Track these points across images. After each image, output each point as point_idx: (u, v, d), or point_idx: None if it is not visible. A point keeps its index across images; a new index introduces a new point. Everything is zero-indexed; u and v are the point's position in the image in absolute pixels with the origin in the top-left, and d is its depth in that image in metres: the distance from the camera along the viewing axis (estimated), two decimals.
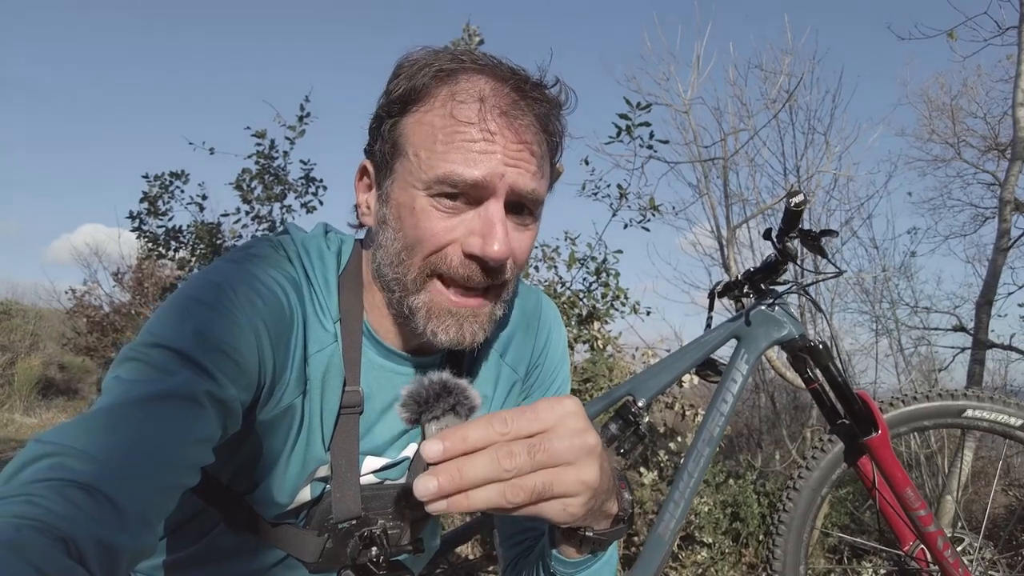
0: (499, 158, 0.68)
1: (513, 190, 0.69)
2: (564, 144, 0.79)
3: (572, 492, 0.53)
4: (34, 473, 0.48)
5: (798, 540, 1.56)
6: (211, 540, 0.80)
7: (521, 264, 0.76)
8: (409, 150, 0.71)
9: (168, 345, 0.61)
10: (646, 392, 1.45)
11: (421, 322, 0.73)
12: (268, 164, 3.28)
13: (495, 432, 0.50)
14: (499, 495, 0.50)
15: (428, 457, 0.49)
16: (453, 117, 0.68)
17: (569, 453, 0.52)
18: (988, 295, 3.02)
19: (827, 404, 1.53)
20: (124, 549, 0.47)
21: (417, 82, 0.71)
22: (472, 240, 0.69)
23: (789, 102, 4.09)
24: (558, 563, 0.73)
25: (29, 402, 6.19)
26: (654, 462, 2.73)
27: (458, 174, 0.67)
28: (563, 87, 0.76)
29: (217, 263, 0.73)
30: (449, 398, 0.56)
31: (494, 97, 0.69)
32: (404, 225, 0.71)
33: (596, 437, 0.54)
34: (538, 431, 0.52)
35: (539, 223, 0.77)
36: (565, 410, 0.53)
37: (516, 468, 0.50)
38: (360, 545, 0.79)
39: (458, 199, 0.69)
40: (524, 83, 0.72)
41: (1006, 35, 3.41)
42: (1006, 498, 3.87)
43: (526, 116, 0.70)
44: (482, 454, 0.50)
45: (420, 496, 0.49)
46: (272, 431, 0.73)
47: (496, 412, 0.52)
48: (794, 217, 1.38)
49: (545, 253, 3.07)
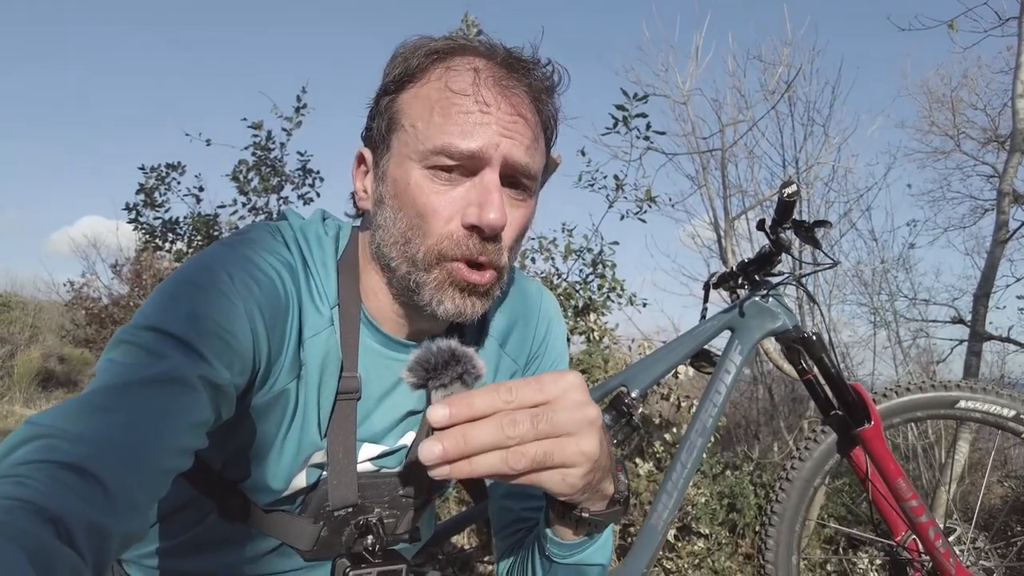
0: (494, 128, 0.69)
1: (507, 161, 0.70)
2: (558, 127, 0.79)
3: (572, 462, 0.54)
4: (24, 454, 0.47)
5: (790, 530, 1.57)
6: (204, 528, 0.81)
7: (516, 240, 0.76)
8: (405, 122, 0.72)
9: (162, 328, 0.61)
10: (639, 383, 1.46)
11: (427, 294, 0.72)
12: (265, 155, 3.28)
13: (500, 400, 0.52)
14: (501, 462, 0.51)
15: (434, 422, 0.51)
16: (448, 88, 0.70)
17: (571, 424, 0.54)
18: (986, 287, 3.02)
19: (821, 395, 1.54)
20: (114, 531, 0.47)
21: (412, 62, 0.73)
22: (470, 210, 0.69)
23: (788, 93, 4.08)
24: (553, 545, 0.73)
25: (29, 394, 6.20)
26: (650, 453, 2.74)
27: (455, 145, 0.68)
28: (556, 67, 0.77)
29: (213, 247, 0.73)
30: (457, 366, 0.57)
31: (488, 69, 0.71)
32: (403, 203, 0.72)
33: (597, 410, 0.56)
34: (541, 401, 0.53)
35: (534, 201, 0.77)
36: (568, 383, 0.55)
37: (519, 436, 0.51)
38: (356, 533, 0.79)
39: (454, 171, 0.70)
40: (517, 62, 0.73)
41: (1006, 26, 3.39)
42: (1002, 489, 3.88)
43: (519, 87, 0.71)
44: (487, 421, 0.51)
45: (424, 460, 0.50)
46: (266, 416, 0.73)
47: (502, 381, 0.54)
48: (787, 207, 1.37)
49: (542, 244, 3.07)
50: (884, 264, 4.86)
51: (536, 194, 0.77)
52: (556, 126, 0.79)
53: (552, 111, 0.77)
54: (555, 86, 0.77)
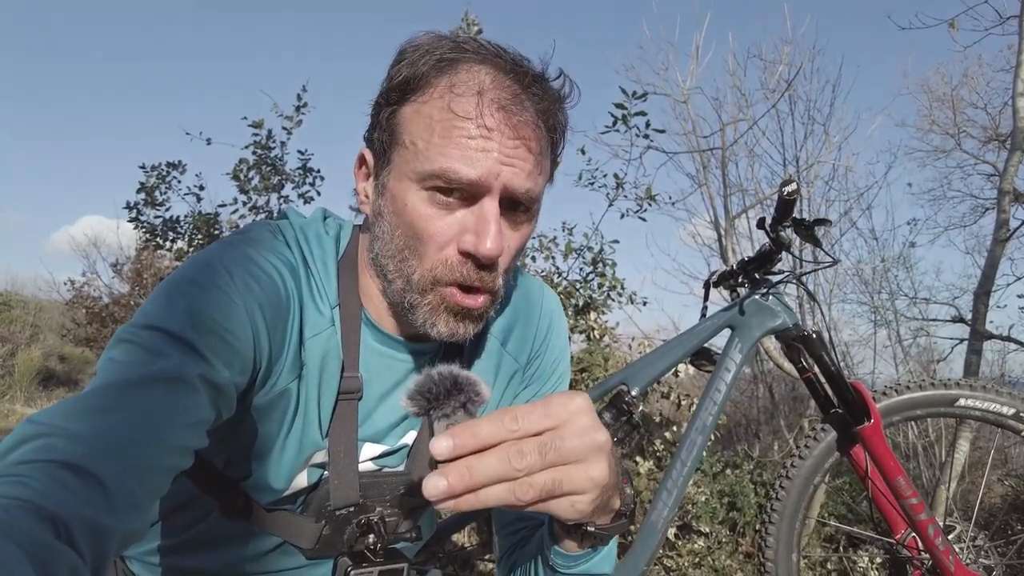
0: (495, 156, 0.67)
1: (507, 189, 0.69)
2: (566, 138, 0.78)
3: (581, 490, 0.52)
4: (23, 454, 0.47)
5: (790, 528, 1.57)
6: (206, 526, 0.81)
7: (513, 260, 0.75)
8: (406, 139, 0.71)
9: (162, 327, 0.61)
10: (639, 381, 1.46)
11: (421, 316, 0.73)
12: (265, 154, 3.27)
13: (505, 429, 0.50)
14: (509, 493, 0.49)
15: (438, 455, 0.48)
16: (451, 111, 0.68)
17: (580, 451, 0.52)
18: (986, 286, 3.02)
19: (821, 393, 1.54)
20: (113, 530, 0.47)
21: (417, 70, 0.70)
22: (467, 238, 0.69)
23: (788, 92, 4.08)
24: (558, 556, 0.73)
25: (30, 393, 6.20)
26: (650, 451, 2.74)
27: (454, 171, 0.67)
28: (566, 79, 0.75)
29: (213, 246, 0.73)
30: (460, 395, 0.55)
31: (494, 91, 0.68)
32: (401, 221, 0.71)
33: (606, 435, 0.54)
34: (548, 427, 0.51)
35: (535, 219, 0.77)
36: (576, 406, 0.53)
37: (527, 467, 0.49)
38: (357, 532, 0.79)
39: (452, 195, 0.69)
40: (525, 76, 0.71)
41: (1007, 24, 3.39)
42: (1002, 488, 3.89)
43: (525, 112, 0.69)
44: (493, 453, 0.49)
45: (430, 496, 0.48)
46: (267, 415, 0.73)
47: (506, 408, 0.52)
48: (787, 206, 1.37)
49: (542, 243, 3.07)
50: (884, 263, 4.86)
51: (537, 213, 0.76)
52: (563, 140, 0.77)
53: (560, 125, 0.75)
54: (563, 100, 0.75)
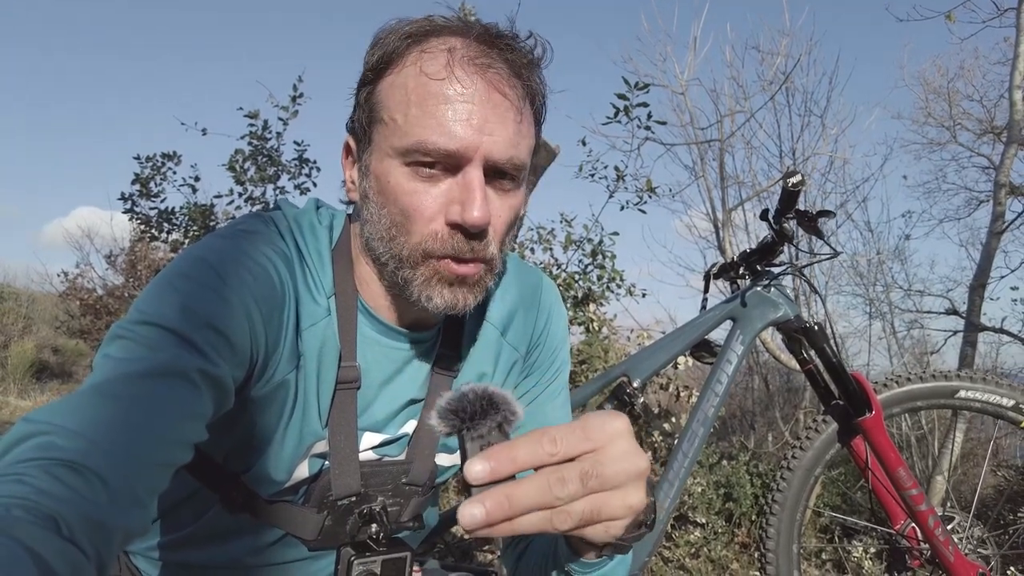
0: (475, 124, 0.66)
1: (488, 160, 0.68)
2: (547, 101, 0.76)
3: (617, 516, 0.51)
4: (22, 453, 0.47)
5: (791, 519, 1.58)
6: (208, 520, 0.80)
7: (507, 230, 0.74)
8: (384, 115, 0.70)
9: (156, 322, 0.61)
10: (641, 373, 1.46)
11: (415, 290, 0.72)
12: (261, 145, 3.26)
13: (544, 452, 0.48)
14: (546, 522, 0.48)
15: (473, 479, 0.46)
16: (423, 73, 0.67)
17: (620, 477, 0.50)
18: (981, 278, 3.04)
19: (821, 385, 1.54)
20: (115, 527, 0.46)
21: (389, 47, 0.70)
22: (453, 208, 0.68)
23: (786, 84, 4.07)
24: (574, 563, 0.71)
25: (23, 385, 6.17)
26: (649, 443, 2.75)
27: (432, 142, 0.66)
28: (537, 39, 0.73)
29: (206, 239, 0.72)
30: (497, 415, 0.52)
31: (464, 49, 0.68)
32: (387, 200, 0.71)
33: (646, 461, 0.53)
34: (588, 450, 0.49)
35: (523, 188, 0.75)
36: (615, 429, 0.51)
37: (568, 496, 0.47)
38: (360, 522, 0.79)
39: (435, 166, 0.68)
40: (493, 35, 0.70)
41: (1004, 17, 3.40)
42: (995, 478, 3.92)
43: (498, 65, 0.68)
44: (533, 481, 0.47)
45: (466, 527, 0.46)
46: (266, 407, 0.73)
47: (544, 428, 0.49)
48: (791, 198, 1.37)
49: (541, 235, 3.07)
50: (880, 255, 4.88)
51: (525, 180, 0.75)
52: (544, 101, 0.75)
53: (537, 85, 0.73)
54: (538, 59, 0.73)
